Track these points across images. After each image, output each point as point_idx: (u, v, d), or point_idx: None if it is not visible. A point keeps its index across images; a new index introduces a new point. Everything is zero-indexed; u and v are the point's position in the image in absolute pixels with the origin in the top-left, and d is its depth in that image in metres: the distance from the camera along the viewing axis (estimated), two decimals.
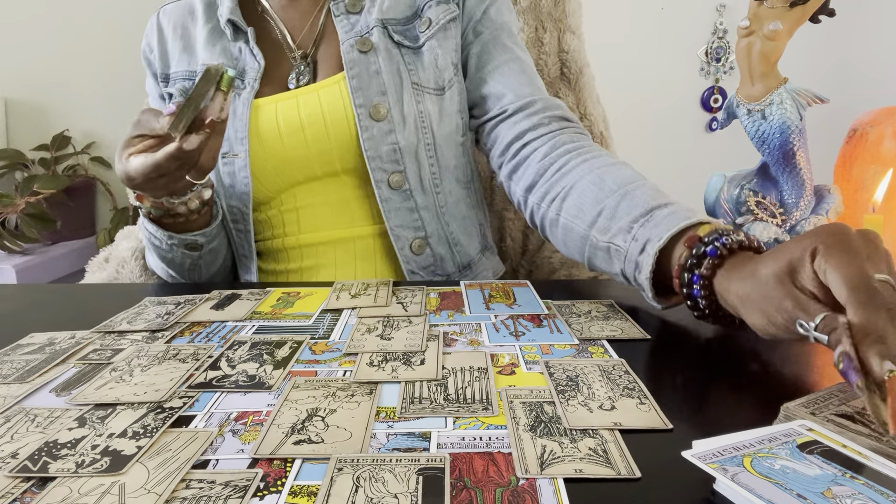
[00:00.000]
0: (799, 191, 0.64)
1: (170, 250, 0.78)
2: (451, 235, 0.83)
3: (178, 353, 0.53)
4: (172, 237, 0.76)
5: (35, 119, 1.95)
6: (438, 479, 0.34)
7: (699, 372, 0.49)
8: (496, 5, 0.86)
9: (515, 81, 0.82)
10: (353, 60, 0.79)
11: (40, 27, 1.90)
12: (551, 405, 0.42)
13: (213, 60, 0.83)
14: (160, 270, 0.84)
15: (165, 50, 0.87)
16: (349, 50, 0.79)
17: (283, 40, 0.84)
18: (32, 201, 1.70)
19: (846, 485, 0.31)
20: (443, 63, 0.81)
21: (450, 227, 0.83)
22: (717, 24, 2.13)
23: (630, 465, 0.35)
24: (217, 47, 0.83)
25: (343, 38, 0.80)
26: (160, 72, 0.88)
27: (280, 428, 0.40)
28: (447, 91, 0.82)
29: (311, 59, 0.83)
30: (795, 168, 0.64)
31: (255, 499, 0.33)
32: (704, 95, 2.19)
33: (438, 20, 0.82)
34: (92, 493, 0.34)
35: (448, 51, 0.82)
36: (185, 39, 0.86)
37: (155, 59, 0.88)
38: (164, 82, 0.87)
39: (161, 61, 0.87)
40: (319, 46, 0.83)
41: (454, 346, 0.53)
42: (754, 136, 0.64)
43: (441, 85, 0.81)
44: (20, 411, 0.44)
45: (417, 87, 0.79)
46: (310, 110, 0.78)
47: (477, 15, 0.84)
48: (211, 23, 0.85)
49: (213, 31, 0.84)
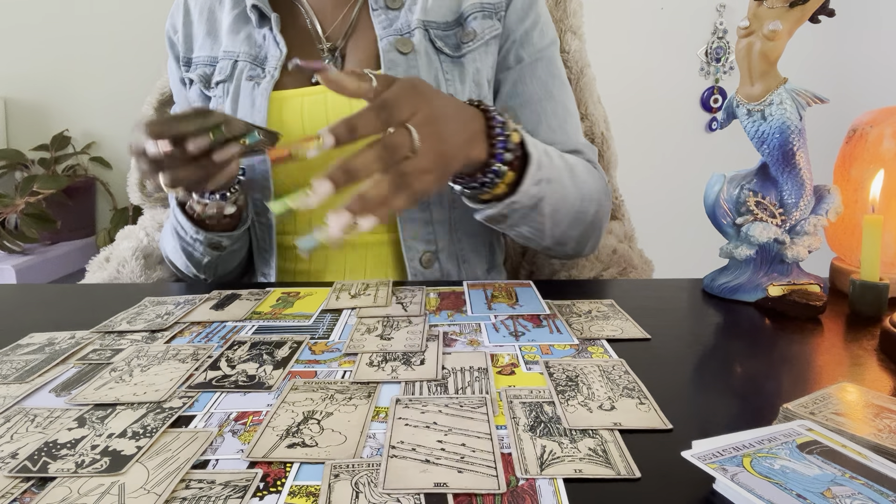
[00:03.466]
0: (799, 191, 0.64)
1: (192, 244, 0.77)
2: (460, 252, 0.81)
3: (178, 353, 0.53)
4: (199, 232, 0.75)
5: (35, 119, 1.95)
6: None
7: (699, 372, 0.49)
8: (539, 26, 0.83)
9: (545, 124, 0.81)
10: (393, 61, 0.76)
11: (40, 27, 1.90)
12: (551, 405, 0.42)
13: (235, 48, 0.80)
14: (175, 257, 0.83)
15: (190, 33, 0.85)
16: (388, 49, 0.76)
17: (311, 29, 0.81)
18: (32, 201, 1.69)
19: (846, 485, 0.31)
20: (480, 79, 0.80)
21: (461, 243, 0.81)
22: (717, 24, 2.13)
23: (630, 465, 0.35)
24: (241, 34, 0.81)
25: (381, 35, 0.78)
26: (182, 55, 0.85)
27: (275, 430, 0.40)
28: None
29: (339, 53, 0.80)
30: (795, 168, 0.64)
31: (255, 499, 0.33)
32: (704, 95, 2.18)
33: (483, 34, 0.79)
34: (92, 494, 0.34)
35: (486, 67, 0.80)
36: (211, 23, 0.84)
37: (178, 42, 0.86)
38: (186, 66, 0.85)
39: (184, 44, 0.85)
40: (350, 40, 0.80)
41: (454, 346, 0.53)
42: (754, 136, 0.64)
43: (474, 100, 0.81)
44: (20, 411, 0.44)
45: None
46: (339, 110, 0.75)
47: (518, 34, 0.82)
48: (238, 8, 0.82)
49: (239, 17, 0.82)
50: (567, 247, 0.77)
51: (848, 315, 0.61)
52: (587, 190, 0.74)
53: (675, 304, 0.66)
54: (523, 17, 0.82)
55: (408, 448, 0.37)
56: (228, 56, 0.81)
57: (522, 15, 0.82)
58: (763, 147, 0.64)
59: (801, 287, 0.62)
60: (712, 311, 0.64)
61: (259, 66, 0.79)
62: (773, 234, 0.64)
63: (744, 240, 0.65)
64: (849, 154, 0.70)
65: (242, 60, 0.80)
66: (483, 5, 0.80)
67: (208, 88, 0.83)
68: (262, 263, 0.84)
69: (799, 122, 0.62)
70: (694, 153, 2.21)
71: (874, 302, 0.60)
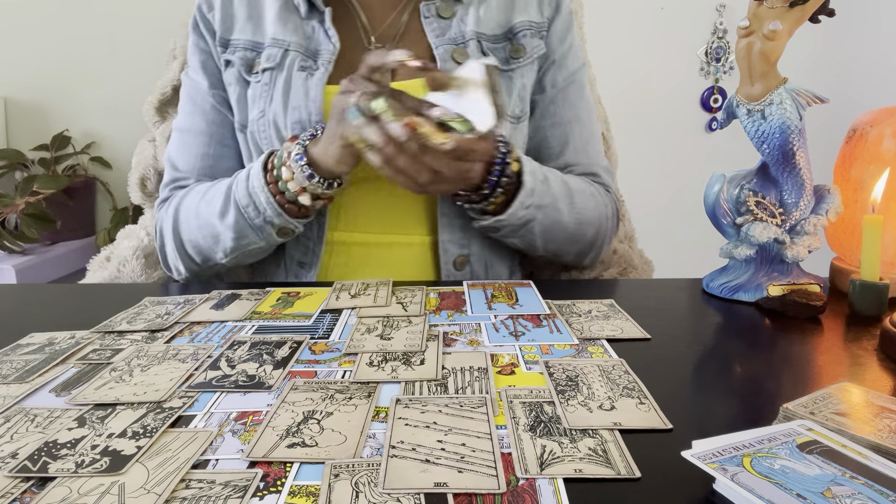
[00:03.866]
0: (799, 191, 0.64)
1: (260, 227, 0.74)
2: (488, 258, 0.83)
3: (178, 353, 0.53)
4: (280, 216, 0.73)
5: (35, 119, 1.94)
6: None
7: (699, 372, 0.49)
8: (574, 49, 0.87)
9: (571, 146, 0.86)
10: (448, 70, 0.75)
11: (40, 27, 1.90)
12: (551, 405, 0.42)
13: (285, 37, 0.80)
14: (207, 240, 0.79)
15: (230, 13, 0.83)
16: (445, 57, 0.78)
17: (361, 28, 0.82)
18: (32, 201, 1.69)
19: (846, 485, 0.31)
20: (525, 94, 0.82)
21: (490, 248, 0.83)
22: (717, 24, 2.13)
23: (630, 465, 0.35)
24: (289, 25, 0.80)
25: (435, 43, 0.79)
26: (219, 35, 0.83)
27: (275, 430, 0.40)
28: (520, 122, 0.82)
29: None
30: (795, 168, 0.64)
31: (255, 499, 0.33)
32: (704, 95, 2.18)
33: (531, 53, 0.82)
34: (92, 493, 0.34)
35: (529, 83, 0.83)
36: (252, 7, 0.83)
37: (214, 20, 0.83)
38: (223, 47, 0.83)
39: (222, 24, 0.83)
40: (400, 42, 0.81)
41: (454, 346, 0.53)
42: (754, 136, 0.64)
43: (517, 115, 0.82)
44: (20, 411, 0.44)
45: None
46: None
47: (556, 56, 0.85)
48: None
49: (286, 5, 0.81)
50: (564, 258, 0.85)
51: (848, 315, 0.61)
52: (587, 216, 0.80)
53: (675, 304, 0.66)
54: (562, 38, 0.86)
55: (408, 448, 0.37)
56: (278, 44, 0.80)
57: (562, 37, 0.86)
58: (763, 147, 0.64)
59: (801, 287, 0.62)
60: (712, 311, 0.64)
61: (311, 57, 0.79)
62: (773, 234, 0.64)
63: (744, 240, 0.65)
64: (849, 154, 0.70)
65: (294, 50, 0.79)
66: (531, 23, 0.83)
67: (250, 74, 0.81)
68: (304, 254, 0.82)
69: (799, 122, 0.62)
70: (694, 153, 2.21)
71: (874, 302, 0.60)
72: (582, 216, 0.79)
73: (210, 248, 0.80)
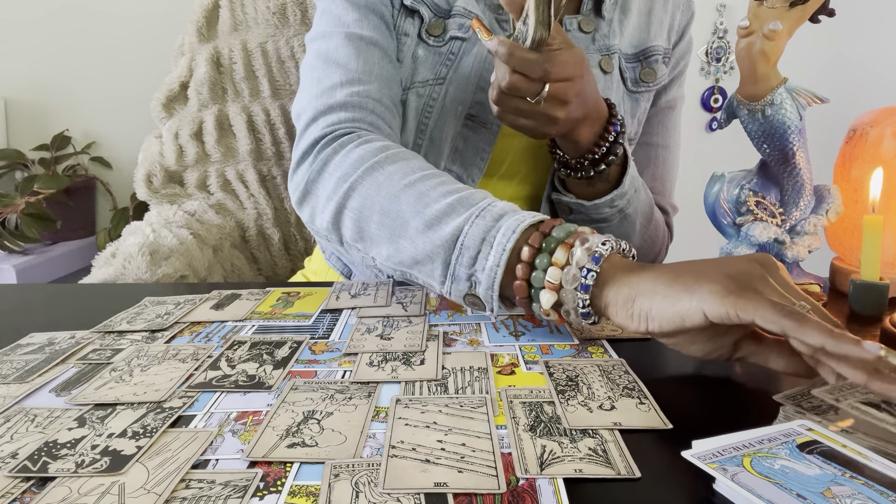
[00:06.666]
0: (799, 191, 0.64)
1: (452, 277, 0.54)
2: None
3: (178, 353, 0.53)
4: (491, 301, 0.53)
5: (35, 119, 1.95)
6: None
7: (699, 372, 0.49)
8: (682, 77, 0.87)
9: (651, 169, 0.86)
10: (596, 77, 0.75)
11: (40, 27, 1.90)
12: (551, 405, 0.42)
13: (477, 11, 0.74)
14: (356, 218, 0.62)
15: None
16: (593, 64, 0.76)
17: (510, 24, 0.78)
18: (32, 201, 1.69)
19: (846, 485, 0.31)
20: (643, 118, 0.82)
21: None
22: (717, 24, 2.13)
23: (630, 464, 0.35)
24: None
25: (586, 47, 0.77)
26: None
27: (275, 430, 0.40)
28: (632, 144, 0.82)
29: None
30: (795, 168, 0.64)
31: (255, 499, 0.33)
32: (704, 95, 2.18)
33: (660, 80, 0.82)
34: (92, 493, 0.34)
35: (648, 106, 0.83)
36: None
37: None
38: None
39: None
40: None
41: (454, 345, 0.53)
42: (754, 136, 0.64)
43: (632, 137, 0.81)
44: (20, 411, 0.44)
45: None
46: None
47: (667, 78, 0.85)
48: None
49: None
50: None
51: (848, 315, 0.61)
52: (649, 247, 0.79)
53: None
54: (676, 64, 0.86)
55: (408, 448, 0.37)
56: (469, 16, 0.74)
57: (676, 62, 0.86)
58: (763, 147, 0.64)
59: (801, 287, 0.62)
60: None
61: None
62: (773, 233, 0.64)
63: (744, 240, 0.65)
64: (849, 154, 0.70)
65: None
66: (663, 49, 0.82)
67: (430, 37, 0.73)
68: None
69: (799, 122, 0.62)
70: (694, 153, 2.21)
71: (874, 302, 0.60)
72: (646, 244, 0.78)
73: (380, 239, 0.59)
